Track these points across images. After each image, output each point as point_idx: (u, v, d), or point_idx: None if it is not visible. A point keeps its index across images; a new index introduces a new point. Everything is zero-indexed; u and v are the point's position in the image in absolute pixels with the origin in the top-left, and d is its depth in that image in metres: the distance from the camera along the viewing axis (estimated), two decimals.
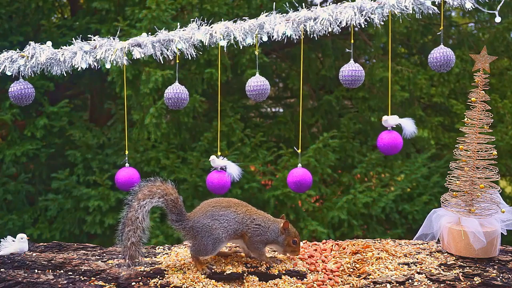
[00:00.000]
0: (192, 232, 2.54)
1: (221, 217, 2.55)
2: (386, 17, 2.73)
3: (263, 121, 7.59)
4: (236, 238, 2.59)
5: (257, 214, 2.61)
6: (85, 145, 6.29)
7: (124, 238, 2.50)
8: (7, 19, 6.43)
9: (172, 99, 2.76)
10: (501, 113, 6.68)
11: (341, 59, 6.87)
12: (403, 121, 2.93)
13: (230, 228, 2.54)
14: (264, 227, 2.58)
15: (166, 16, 5.70)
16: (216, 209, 2.57)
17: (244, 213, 2.58)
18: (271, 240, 2.58)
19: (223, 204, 2.60)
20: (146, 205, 2.51)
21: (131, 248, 2.49)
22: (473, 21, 7.83)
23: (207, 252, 2.53)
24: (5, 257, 2.59)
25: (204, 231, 2.52)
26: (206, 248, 2.52)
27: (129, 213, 2.51)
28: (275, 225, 2.59)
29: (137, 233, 2.49)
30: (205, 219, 2.54)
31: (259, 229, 2.57)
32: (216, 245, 2.53)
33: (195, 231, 2.53)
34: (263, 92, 2.77)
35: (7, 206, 6.31)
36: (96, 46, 2.73)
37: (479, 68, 2.63)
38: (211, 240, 2.52)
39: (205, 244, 2.52)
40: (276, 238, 2.58)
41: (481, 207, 2.63)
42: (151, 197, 2.52)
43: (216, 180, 2.80)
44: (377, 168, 6.52)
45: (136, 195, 2.53)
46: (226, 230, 2.54)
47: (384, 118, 2.90)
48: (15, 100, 2.72)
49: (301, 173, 2.84)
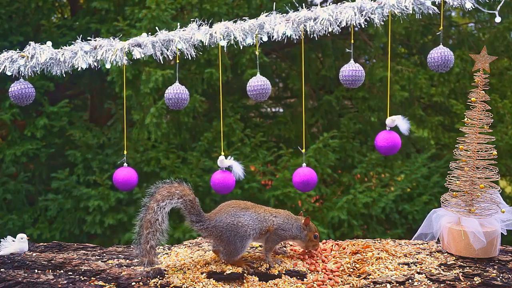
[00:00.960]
0: (216, 232, 2.53)
1: (244, 216, 2.56)
2: (386, 17, 2.73)
3: (263, 121, 7.59)
4: (262, 236, 2.60)
5: (276, 212, 2.65)
6: (85, 145, 6.29)
7: (143, 241, 2.46)
8: (7, 19, 6.43)
9: (172, 100, 2.76)
10: (501, 113, 6.68)
11: (341, 59, 6.87)
12: (398, 119, 2.93)
13: (256, 227, 2.56)
14: (288, 223, 2.62)
15: (166, 16, 5.70)
16: (237, 209, 2.58)
17: (264, 212, 2.61)
18: (294, 236, 2.63)
19: (241, 206, 2.61)
20: (166, 206, 2.49)
21: (151, 252, 2.47)
22: (473, 21, 7.83)
23: (238, 251, 2.53)
24: (5, 257, 2.59)
25: (230, 230, 2.52)
26: (236, 247, 2.52)
27: (148, 215, 2.47)
28: (297, 222, 2.64)
29: (156, 236, 2.47)
30: (228, 218, 2.54)
31: (284, 225, 2.61)
32: (244, 242, 2.53)
33: (219, 231, 2.53)
34: (264, 92, 2.77)
35: (7, 206, 6.31)
36: (96, 46, 2.73)
37: (479, 68, 2.63)
38: (239, 238, 2.52)
39: (234, 243, 2.51)
40: (299, 234, 2.63)
41: (481, 207, 2.62)
42: (170, 198, 2.50)
43: (220, 180, 2.81)
44: (377, 168, 6.52)
45: (154, 196, 2.50)
46: (253, 228, 2.55)
47: (392, 118, 2.88)
48: (15, 100, 2.72)
49: (308, 173, 2.85)
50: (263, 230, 2.58)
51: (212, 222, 2.54)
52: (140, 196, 5.89)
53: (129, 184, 2.84)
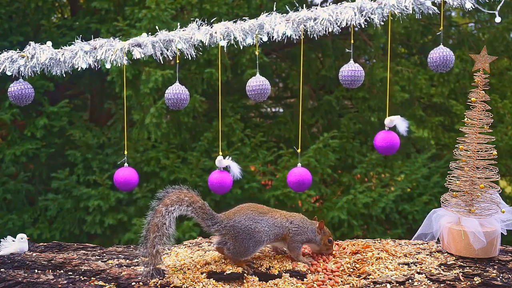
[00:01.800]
0: (233, 232, 2.53)
1: (262, 221, 2.57)
2: (386, 17, 2.73)
3: (263, 121, 7.59)
4: (277, 241, 2.62)
5: (292, 216, 2.66)
6: (85, 145, 6.29)
7: (149, 245, 2.45)
8: (7, 19, 6.43)
9: (172, 100, 2.75)
10: (501, 113, 6.68)
11: (341, 59, 6.87)
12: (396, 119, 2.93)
13: (271, 233, 2.57)
14: (303, 227, 2.63)
15: (166, 16, 5.70)
16: (255, 213, 2.59)
17: (281, 217, 2.62)
18: (309, 239, 2.63)
19: (259, 210, 2.62)
20: (174, 211, 2.48)
21: (157, 257, 2.46)
22: (473, 21, 7.83)
23: (247, 254, 2.54)
24: (5, 257, 2.59)
25: (246, 233, 2.53)
26: (247, 250, 2.53)
27: (155, 218, 2.46)
28: (312, 226, 2.65)
29: (163, 240, 2.45)
30: (247, 221, 2.55)
31: (299, 229, 2.62)
32: (256, 248, 2.55)
33: (236, 231, 2.53)
34: (263, 92, 2.77)
35: (7, 206, 6.31)
36: (96, 46, 2.72)
37: (479, 68, 2.63)
38: (252, 242, 2.53)
39: (246, 246, 2.52)
40: (314, 237, 2.64)
41: (481, 207, 2.62)
42: (180, 204, 2.50)
43: (217, 180, 2.81)
44: (377, 168, 6.52)
45: (163, 200, 2.50)
46: (268, 235, 2.56)
47: (391, 118, 2.89)
48: (15, 100, 2.72)
49: (302, 173, 2.85)
50: (278, 236, 2.59)
51: (230, 222, 2.55)
52: (140, 196, 5.91)
53: (130, 184, 2.84)
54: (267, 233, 2.56)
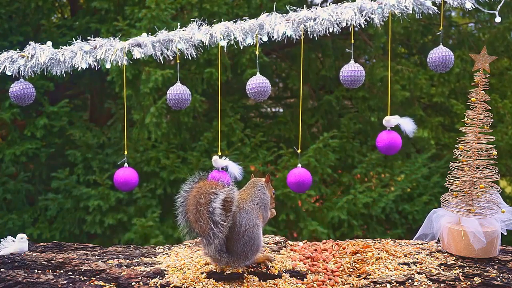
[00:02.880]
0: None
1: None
2: (386, 17, 2.73)
3: (263, 121, 7.59)
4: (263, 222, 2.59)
5: (250, 194, 2.59)
6: (85, 145, 6.29)
7: (203, 222, 2.42)
8: (7, 19, 6.43)
9: (173, 100, 2.76)
10: (501, 113, 6.68)
11: (341, 59, 6.87)
12: (402, 120, 2.94)
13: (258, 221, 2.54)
14: (261, 198, 2.58)
15: (166, 16, 5.70)
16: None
17: (247, 204, 2.56)
18: (268, 200, 2.60)
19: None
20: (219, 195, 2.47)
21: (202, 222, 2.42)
22: (473, 21, 7.83)
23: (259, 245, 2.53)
24: (5, 257, 2.59)
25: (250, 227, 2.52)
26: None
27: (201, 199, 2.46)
28: (263, 189, 2.60)
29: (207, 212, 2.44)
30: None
31: (262, 203, 2.57)
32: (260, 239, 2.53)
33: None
34: (263, 91, 2.77)
35: (7, 206, 6.31)
36: (96, 46, 2.73)
37: (479, 68, 2.63)
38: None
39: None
40: (268, 198, 2.60)
41: (481, 207, 2.63)
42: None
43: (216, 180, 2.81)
44: (377, 168, 6.52)
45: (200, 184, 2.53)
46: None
47: (386, 118, 2.91)
48: (16, 100, 2.72)
49: (302, 173, 2.85)
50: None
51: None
52: (140, 196, 5.91)
53: (130, 184, 2.84)
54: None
